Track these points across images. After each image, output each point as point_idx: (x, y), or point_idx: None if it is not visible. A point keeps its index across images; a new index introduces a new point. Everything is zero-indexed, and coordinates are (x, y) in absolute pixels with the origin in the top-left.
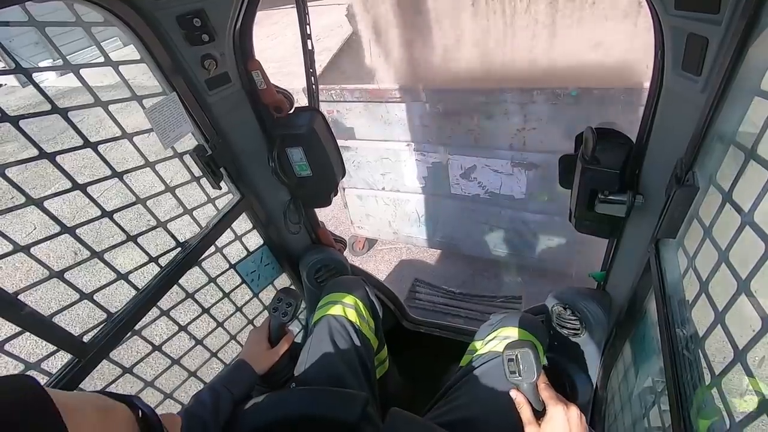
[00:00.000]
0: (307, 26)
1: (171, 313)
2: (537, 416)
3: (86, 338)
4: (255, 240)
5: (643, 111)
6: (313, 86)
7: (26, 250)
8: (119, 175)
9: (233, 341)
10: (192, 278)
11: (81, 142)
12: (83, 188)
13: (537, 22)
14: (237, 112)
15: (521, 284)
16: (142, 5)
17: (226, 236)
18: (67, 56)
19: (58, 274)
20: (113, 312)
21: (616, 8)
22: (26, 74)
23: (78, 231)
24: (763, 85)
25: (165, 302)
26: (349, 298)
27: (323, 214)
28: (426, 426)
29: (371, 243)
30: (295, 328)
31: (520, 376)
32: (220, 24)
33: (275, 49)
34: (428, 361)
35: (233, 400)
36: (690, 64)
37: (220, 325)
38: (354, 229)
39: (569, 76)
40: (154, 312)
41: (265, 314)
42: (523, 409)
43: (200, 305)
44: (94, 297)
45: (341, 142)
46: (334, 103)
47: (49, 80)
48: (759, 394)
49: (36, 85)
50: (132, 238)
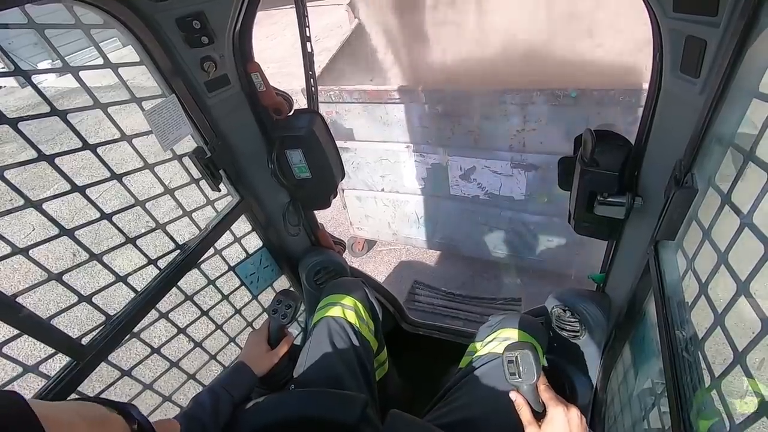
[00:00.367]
0: (307, 28)
1: (170, 315)
2: (537, 417)
3: (85, 341)
4: (254, 242)
5: (642, 113)
6: (313, 88)
7: (25, 252)
8: (118, 177)
9: (232, 343)
10: (191, 280)
11: (80, 144)
12: (82, 190)
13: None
14: (236, 114)
15: (521, 286)
16: (141, 7)
17: (226, 238)
18: (66, 57)
19: (57, 277)
20: (112, 314)
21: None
22: (25, 76)
23: (77, 233)
24: (761, 86)
25: (164, 304)
26: (348, 300)
27: (322, 216)
28: (425, 427)
29: (370, 244)
30: (295, 329)
31: (520, 377)
32: (220, 26)
33: (274, 49)
34: (427, 363)
35: (233, 402)
36: (689, 66)
37: (219, 327)
38: (353, 230)
39: (569, 76)
40: (153, 314)
41: (265, 316)
42: (523, 411)
43: (199, 307)
44: (93, 299)
45: (340, 144)
46: (333, 105)
47: (48, 81)
48: (759, 396)
49: (35, 87)
50: (131, 240)
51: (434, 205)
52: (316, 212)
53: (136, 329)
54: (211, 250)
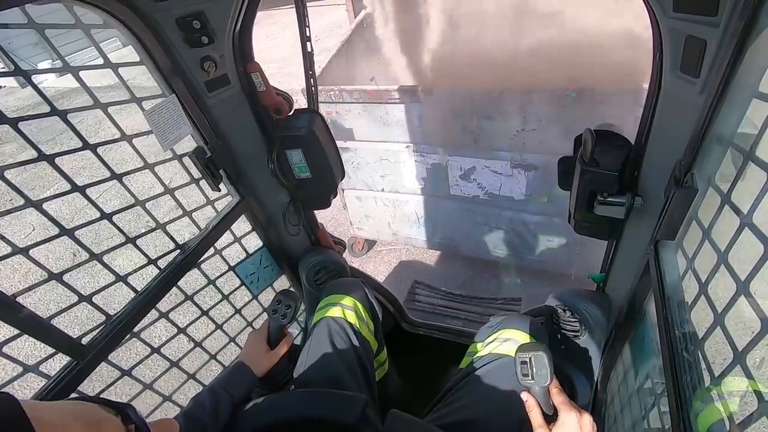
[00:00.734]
0: (307, 28)
1: (170, 315)
2: (547, 421)
3: (85, 340)
4: (254, 242)
5: (642, 113)
6: (313, 88)
7: (25, 252)
8: (118, 177)
9: (232, 343)
10: (191, 280)
11: (80, 144)
12: (82, 190)
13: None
14: (236, 114)
15: (521, 286)
16: (141, 7)
17: (226, 238)
18: (66, 57)
19: (57, 276)
20: (112, 314)
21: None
22: (25, 76)
23: (77, 233)
24: (761, 86)
25: (164, 304)
26: (348, 300)
27: (322, 216)
28: (425, 428)
29: (370, 244)
30: (295, 329)
31: (533, 379)
32: (220, 26)
33: (274, 49)
34: (428, 363)
35: (232, 402)
36: (688, 65)
37: (219, 327)
38: (353, 230)
39: (569, 76)
40: (153, 314)
41: (265, 316)
42: (533, 413)
43: (199, 307)
44: (93, 299)
45: (340, 144)
46: (333, 105)
47: (48, 81)
48: (759, 396)
49: (35, 87)
50: (131, 240)
51: (434, 205)
52: (316, 212)
53: (136, 329)
54: (211, 250)
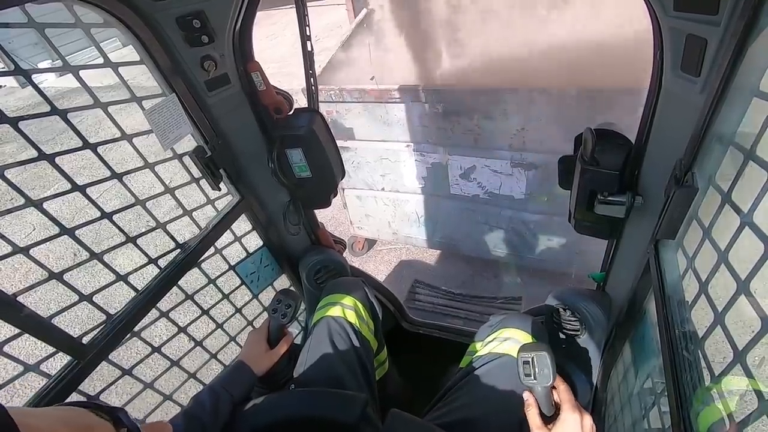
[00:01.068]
0: (307, 27)
1: (170, 314)
2: (546, 421)
3: (85, 340)
4: (255, 241)
5: (642, 112)
6: (313, 87)
7: (25, 251)
8: (118, 177)
9: (233, 342)
10: (191, 279)
11: (80, 143)
12: (82, 189)
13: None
14: (236, 113)
15: (521, 285)
16: (141, 7)
17: (226, 237)
18: (66, 56)
19: (58, 276)
20: (112, 313)
21: None
22: (26, 75)
23: (77, 232)
24: (762, 85)
25: (164, 303)
26: (348, 300)
27: (323, 215)
28: (425, 427)
29: (371, 243)
30: (295, 329)
31: (535, 379)
32: (220, 25)
33: (274, 49)
34: (428, 363)
35: (232, 401)
36: (689, 65)
37: (220, 326)
38: (353, 229)
39: (569, 76)
40: (153, 313)
41: (265, 315)
42: (530, 413)
43: (200, 306)
44: (94, 298)
45: (340, 143)
46: (333, 104)
47: (48, 81)
48: (759, 395)
49: (35, 87)
50: (131, 240)
51: (434, 204)
52: (316, 211)
53: (136, 328)
54: (212, 249)
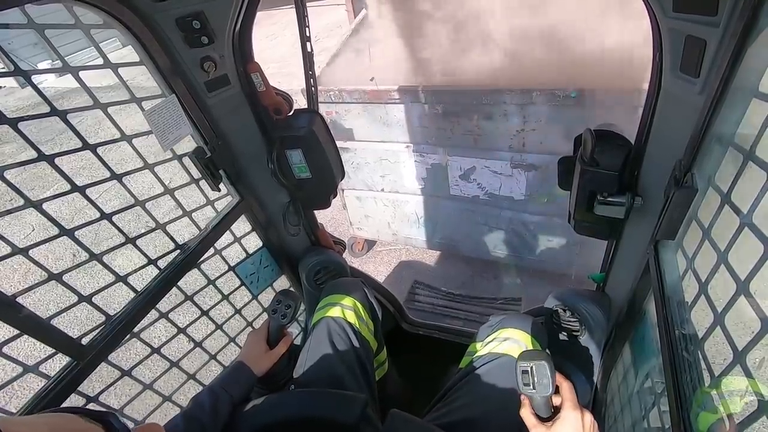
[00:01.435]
0: (307, 28)
1: (170, 315)
2: (546, 419)
3: (85, 341)
4: (254, 242)
5: (642, 113)
6: (312, 88)
7: (25, 252)
8: (118, 177)
9: (232, 343)
10: (191, 280)
11: (80, 144)
12: (82, 190)
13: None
14: (236, 114)
15: (521, 286)
16: (141, 7)
17: (226, 238)
18: (66, 57)
19: (57, 277)
20: (112, 314)
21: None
22: (25, 76)
23: (77, 233)
24: (761, 86)
25: (164, 304)
26: (348, 300)
27: (322, 216)
28: (425, 427)
29: (370, 244)
30: (294, 329)
31: (534, 388)
32: (220, 26)
33: (274, 49)
34: (427, 363)
35: (232, 402)
36: (688, 65)
37: (219, 327)
38: (353, 230)
39: (569, 76)
40: (153, 314)
41: (265, 316)
42: (524, 413)
43: (199, 307)
44: (93, 299)
45: (340, 144)
46: (333, 105)
47: (48, 81)
48: (758, 396)
49: (35, 87)
50: (131, 240)
51: (434, 205)
52: (315, 212)
53: (136, 329)
54: (211, 250)
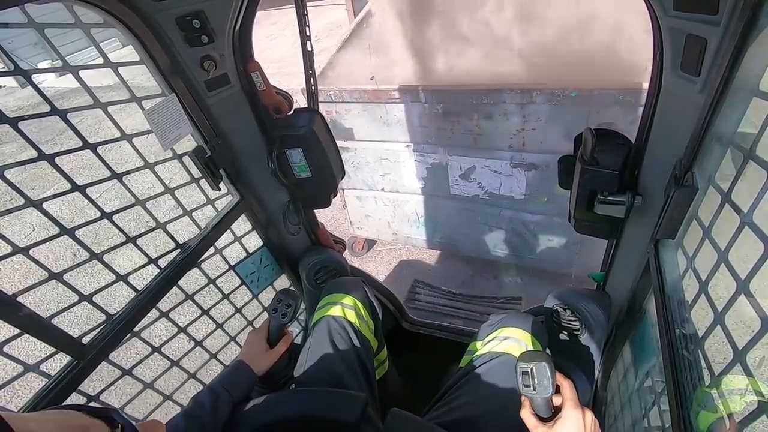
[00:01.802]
0: (306, 27)
1: (170, 314)
2: (547, 418)
3: (85, 340)
4: (254, 241)
5: (642, 112)
6: (312, 87)
7: (25, 251)
8: (118, 177)
9: (233, 342)
10: (191, 279)
11: (80, 143)
12: (82, 190)
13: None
14: (236, 113)
15: (521, 285)
16: (141, 7)
17: (226, 237)
18: (66, 57)
19: (57, 276)
20: (112, 313)
21: None
22: (25, 76)
23: (77, 232)
24: (761, 85)
25: (164, 304)
26: (348, 299)
27: (322, 215)
28: (426, 426)
29: (370, 244)
30: (295, 329)
31: (535, 390)
32: (220, 25)
33: (274, 49)
34: (428, 362)
35: (232, 401)
36: (689, 64)
37: (220, 326)
38: (353, 230)
39: (569, 76)
40: (153, 313)
41: (265, 315)
42: (524, 413)
43: (200, 307)
44: (94, 298)
45: (340, 143)
46: (333, 104)
47: (48, 81)
48: (759, 395)
49: (35, 87)
50: (131, 240)
51: (434, 204)
52: (316, 211)
53: (136, 328)
54: (212, 249)
